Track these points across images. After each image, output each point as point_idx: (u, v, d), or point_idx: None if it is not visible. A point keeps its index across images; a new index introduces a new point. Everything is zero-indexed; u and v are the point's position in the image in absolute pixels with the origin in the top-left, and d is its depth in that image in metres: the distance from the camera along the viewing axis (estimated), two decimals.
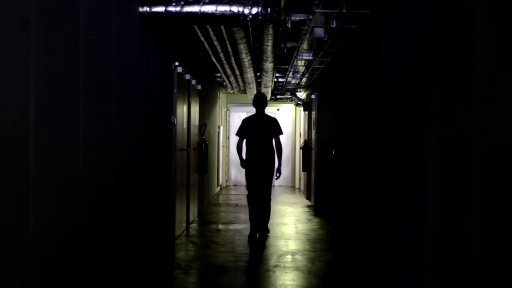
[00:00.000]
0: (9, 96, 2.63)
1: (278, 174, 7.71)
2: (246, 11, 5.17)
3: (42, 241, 3.00)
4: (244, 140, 7.71)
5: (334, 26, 6.27)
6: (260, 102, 7.69)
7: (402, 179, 4.20)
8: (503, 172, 2.50)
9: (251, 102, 9.31)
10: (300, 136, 14.51)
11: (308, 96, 12.23)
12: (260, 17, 5.19)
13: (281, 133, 7.58)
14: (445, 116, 3.26)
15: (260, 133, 7.53)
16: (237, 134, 7.69)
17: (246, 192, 7.81)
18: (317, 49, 8.35)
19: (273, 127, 7.56)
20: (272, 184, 9.23)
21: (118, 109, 4.45)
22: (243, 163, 7.68)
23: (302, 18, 6.46)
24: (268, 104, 13.17)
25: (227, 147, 16.23)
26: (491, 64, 2.68)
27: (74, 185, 3.48)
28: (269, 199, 7.64)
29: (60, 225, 3.27)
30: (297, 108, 15.64)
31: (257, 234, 7.59)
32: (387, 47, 4.82)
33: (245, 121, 7.68)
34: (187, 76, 7.79)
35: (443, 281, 3.27)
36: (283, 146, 11.26)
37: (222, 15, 5.19)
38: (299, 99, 14.05)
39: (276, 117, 12.96)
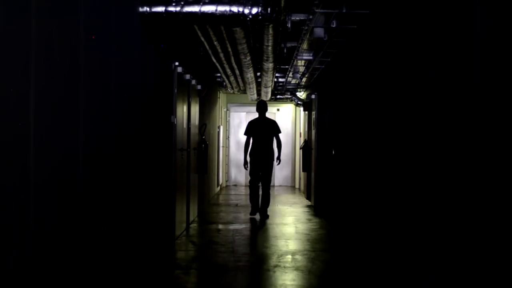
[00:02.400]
0: (9, 96, 2.63)
1: (278, 161, 9.71)
2: (246, 11, 5.16)
3: (42, 240, 3.00)
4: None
5: (334, 26, 6.27)
6: (262, 108, 9.67)
7: (402, 178, 4.20)
8: (504, 171, 2.50)
9: (251, 102, 11.76)
10: (300, 136, 14.50)
11: (308, 96, 12.23)
12: (260, 17, 5.19)
13: (280, 132, 9.69)
14: (444, 116, 3.26)
15: (262, 132, 9.47)
16: (245, 133, 9.68)
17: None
18: (317, 49, 8.35)
19: (274, 128, 9.57)
20: (272, 184, 10.05)
21: (118, 109, 4.45)
22: (246, 165, 9.60)
23: (302, 18, 6.45)
24: (268, 104, 14.65)
25: (227, 147, 16.22)
26: (489, 62, 2.68)
27: (74, 185, 3.48)
28: (269, 188, 9.55)
29: (60, 225, 3.27)
30: (297, 108, 15.63)
31: (257, 215, 9.38)
32: (387, 47, 4.82)
33: (251, 123, 9.67)
34: (187, 76, 7.79)
35: (443, 281, 3.27)
36: (283, 145, 13.99)
37: (222, 15, 5.19)
38: (299, 99, 14.04)
39: (276, 118, 15.91)
